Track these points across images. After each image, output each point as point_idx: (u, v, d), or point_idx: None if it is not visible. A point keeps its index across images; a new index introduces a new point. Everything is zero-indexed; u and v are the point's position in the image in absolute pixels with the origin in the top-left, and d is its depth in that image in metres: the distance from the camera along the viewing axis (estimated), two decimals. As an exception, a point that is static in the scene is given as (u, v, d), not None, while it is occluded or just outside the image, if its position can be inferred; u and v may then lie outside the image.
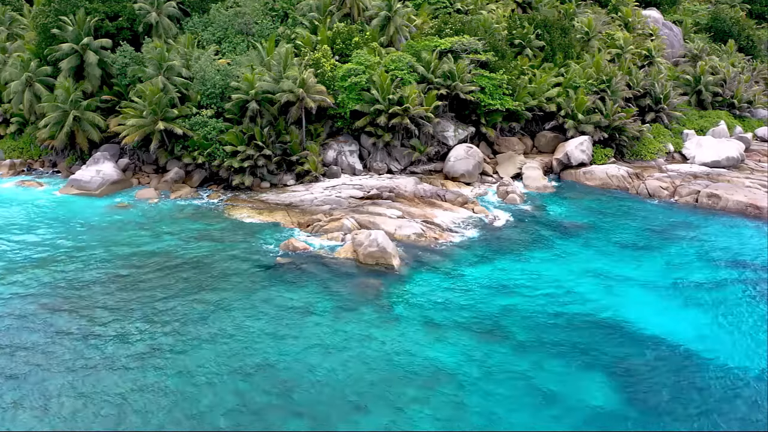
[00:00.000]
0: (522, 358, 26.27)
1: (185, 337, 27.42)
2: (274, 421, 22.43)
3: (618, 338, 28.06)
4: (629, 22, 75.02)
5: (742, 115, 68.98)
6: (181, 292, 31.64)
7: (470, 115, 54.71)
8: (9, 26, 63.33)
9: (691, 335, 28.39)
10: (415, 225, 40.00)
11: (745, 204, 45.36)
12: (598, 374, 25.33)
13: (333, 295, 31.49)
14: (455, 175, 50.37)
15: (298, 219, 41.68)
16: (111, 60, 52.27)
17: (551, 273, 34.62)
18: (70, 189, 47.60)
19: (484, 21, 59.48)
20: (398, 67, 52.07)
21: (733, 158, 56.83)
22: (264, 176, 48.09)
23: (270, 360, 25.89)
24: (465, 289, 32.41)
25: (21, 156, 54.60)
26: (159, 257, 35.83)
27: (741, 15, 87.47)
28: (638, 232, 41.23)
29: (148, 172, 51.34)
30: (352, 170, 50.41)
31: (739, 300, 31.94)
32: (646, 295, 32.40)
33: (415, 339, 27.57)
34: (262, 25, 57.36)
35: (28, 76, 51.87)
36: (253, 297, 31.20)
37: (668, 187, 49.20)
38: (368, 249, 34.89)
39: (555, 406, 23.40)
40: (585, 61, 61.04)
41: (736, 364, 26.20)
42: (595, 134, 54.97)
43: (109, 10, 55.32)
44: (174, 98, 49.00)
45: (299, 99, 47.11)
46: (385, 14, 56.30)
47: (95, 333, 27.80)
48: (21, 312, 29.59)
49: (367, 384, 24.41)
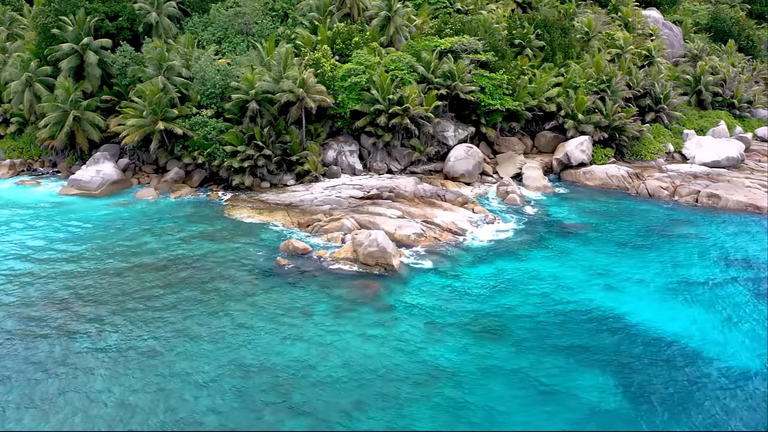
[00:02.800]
0: (522, 357, 26.29)
1: (185, 337, 27.45)
2: (274, 421, 22.43)
3: (618, 337, 28.08)
4: (629, 22, 75.11)
5: (742, 115, 69.04)
6: (180, 291, 31.68)
7: (470, 115, 54.75)
8: (9, 26, 63.42)
9: (691, 334, 28.41)
10: (415, 225, 40.00)
11: (745, 204, 45.41)
12: (598, 373, 25.34)
13: (333, 295, 31.50)
14: (455, 175, 50.39)
15: (298, 219, 41.68)
16: (111, 60, 52.33)
17: (551, 272, 34.64)
18: (70, 189, 47.63)
19: (484, 21, 59.51)
20: (398, 67, 52.08)
21: (733, 158, 56.87)
22: (264, 176, 48.11)
23: (270, 359, 25.90)
24: (465, 289, 32.44)
25: (21, 156, 54.67)
26: (159, 257, 35.86)
27: (741, 15, 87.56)
28: (638, 231, 41.25)
29: (148, 172, 51.36)
30: (352, 170, 50.41)
31: (739, 299, 31.94)
32: (646, 294, 32.41)
33: (415, 338, 27.59)
34: (262, 25, 57.38)
35: (28, 76, 51.91)
36: (252, 297, 31.21)
37: (668, 187, 49.19)
38: (368, 249, 34.89)
39: (555, 405, 23.41)
40: (585, 61, 61.09)
41: (736, 363, 26.19)
42: (595, 134, 55.01)
43: (109, 10, 55.37)
44: (174, 98, 49.03)
45: (299, 99, 47.12)
46: (385, 14, 56.33)
47: (95, 333, 27.81)
48: (20, 312, 29.60)
49: (366, 383, 24.43)
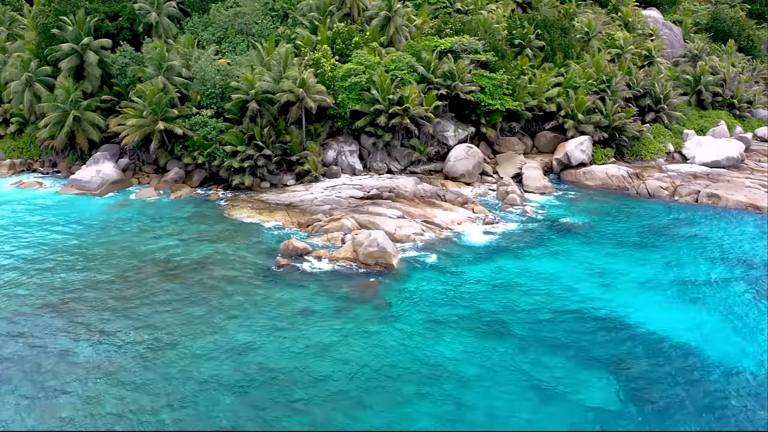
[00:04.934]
0: (522, 356, 26.28)
1: (185, 337, 27.43)
2: (275, 420, 22.42)
3: (618, 336, 28.06)
4: (629, 22, 75.16)
5: (742, 115, 69.05)
6: (180, 291, 31.65)
7: (470, 115, 54.75)
8: (9, 26, 63.44)
9: (691, 333, 28.38)
10: (415, 225, 40.00)
11: (745, 204, 45.42)
12: (598, 372, 25.32)
13: (333, 295, 31.49)
14: (455, 175, 50.38)
15: (298, 219, 41.67)
16: (111, 60, 52.33)
17: (551, 272, 34.63)
18: (70, 189, 47.62)
19: (484, 21, 59.52)
20: (398, 67, 52.08)
21: (733, 158, 56.89)
22: (264, 176, 48.11)
23: (270, 359, 25.89)
24: (465, 288, 32.43)
25: (21, 156, 54.68)
26: (159, 257, 35.84)
27: (741, 15, 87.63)
28: (638, 231, 41.25)
29: (148, 172, 51.36)
30: (352, 170, 50.40)
31: (739, 298, 31.92)
32: (646, 294, 32.39)
33: (415, 337, 27.57)
34: (262, 25, 57.38)
35: (28, 76, 51.92)
36: (252, 297, 31.20)
37: (668, 187, 49.19)
38: (368, 249, 34.88)
39: (555, 404, 23.39)
40: (585, 61, 61.11)
41: (737, 362, 26.16)
42: (595, 134, 55.01)
43: (109, 10, 55.38)
44: (174, 98, 49.03)
45: (299, 99, 47.12)
46: (385, 14, 56.33)
47: (94, 333, 27.79)
48: (19, 311, 29.57)
49: (367, 382, 24.42)
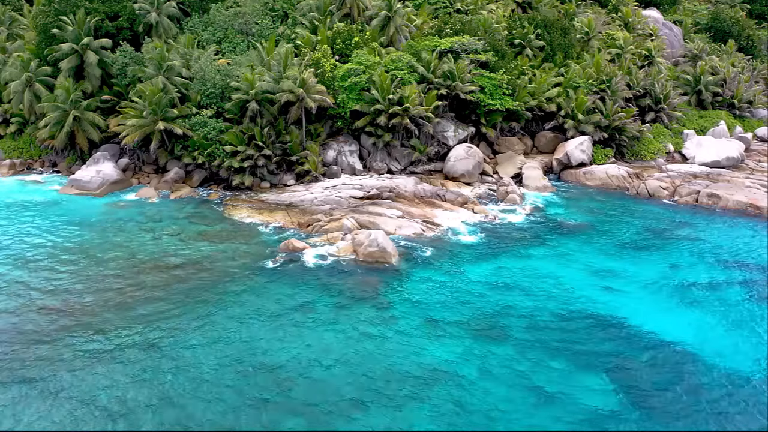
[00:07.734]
0: (521, 357, 26.29)
1: (184, 336, 27.44)
2: (273, 419, 22.43)
3: (617, 337, 28.07)
4: (629, 22, 75.13)
5: (742, 115, 69.03)
6: (180, 291, 31.66)
7: (470, 115, 54.74)
8: (9, 26, 63.36)
9: (690, 334, 28.41)
10: (415, 225, 40.01)
11: (745, 204, 45.40)
12: (597, 373, 25.34)
13: (333, 295, 31.51)
14: (455, 175, 50.38)
15: (298, 219, 41.67)
16: (111, 60, 52.30)
17: (551, 272, 34.63)
18: (70, 189, 47.60)
19: (484, 21, 59.50)
20: (398, 67, 52.07)
21: (733, 158, 56.88)
22: (264, 176, 48.11)
23: (269, 358, 25.91)
24: (464, 288, 32.44)
25: (21, 156, 54.64)
26: (159, 257, 35.85)
27: (741, 15, 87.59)
28: (638, 231, 41.26)
29: (148, 172, 51.35)
30: (352, 170, 50.40)
31: (739, 299, 31.93)
32: (646, 295, 32.41)
33: (414, 337, 27.59)
34: (262, 25, 57.37)
35: (28, 76, 51.90)
36: (252, 296, 31.21)
37: (668, 187, 49.18)
38: (368, 249, 34.90)
39: (554, 405, 23.40)
40: (585, 61, 61.10)
41: (736, 364, 26.18)
42: (595, 134, 55.01)
43: (109, 10, 55.35)
44: (174, 98, 49.02)
45: (299, 99, 47.12)
46: (385, 14, 56.32)
47: (93, 332, 27.80)
48: (19, 311, 29.58)
49: (366, 382, 24.43)
